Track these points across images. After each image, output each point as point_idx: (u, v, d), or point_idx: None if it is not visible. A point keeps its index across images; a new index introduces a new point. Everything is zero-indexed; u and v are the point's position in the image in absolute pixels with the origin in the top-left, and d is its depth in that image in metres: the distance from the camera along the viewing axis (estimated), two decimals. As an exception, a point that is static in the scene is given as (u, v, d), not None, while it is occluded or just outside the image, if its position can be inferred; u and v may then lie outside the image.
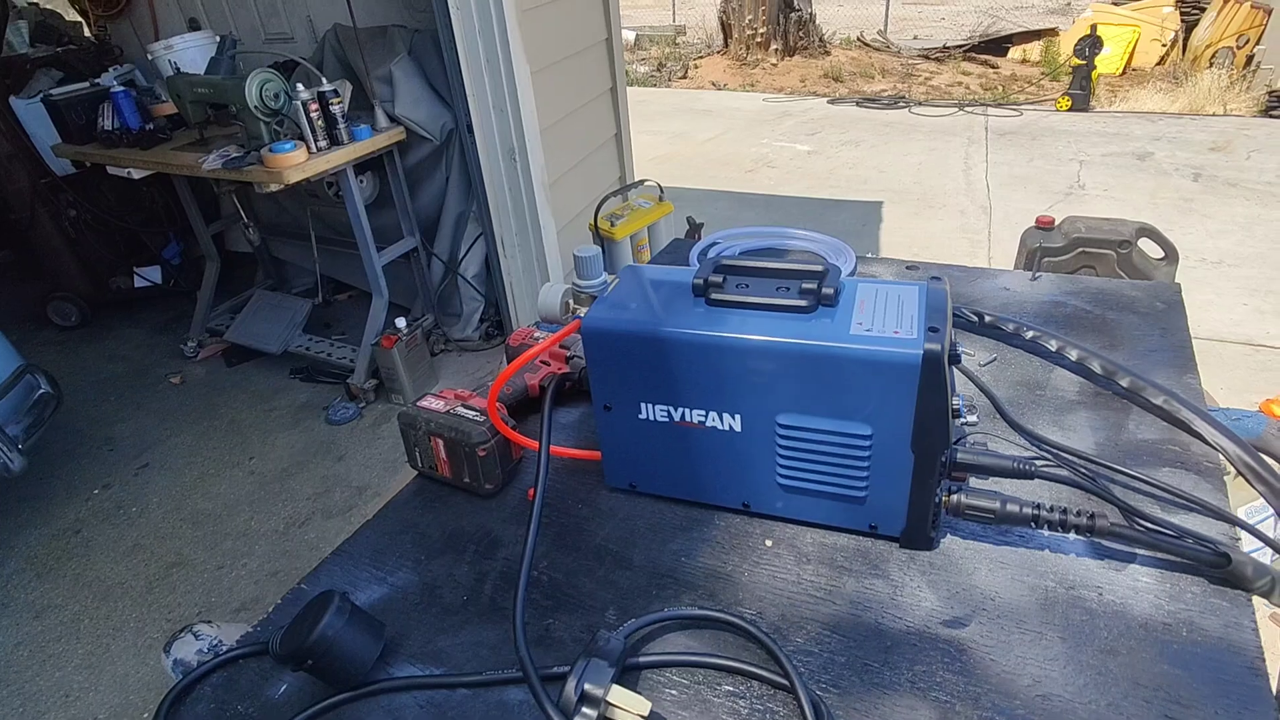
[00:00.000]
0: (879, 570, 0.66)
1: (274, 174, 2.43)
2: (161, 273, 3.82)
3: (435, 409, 0.79)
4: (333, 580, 0.72)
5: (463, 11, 2.48)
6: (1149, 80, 6.67)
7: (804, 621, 0.62)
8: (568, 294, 0.90)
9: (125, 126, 2.88)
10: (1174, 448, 0.76)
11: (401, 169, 2.99)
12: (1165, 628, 0.59)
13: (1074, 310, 1.02)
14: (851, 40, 9.07)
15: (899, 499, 0.65)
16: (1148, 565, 0.64)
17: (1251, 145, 5.18)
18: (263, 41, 3.36)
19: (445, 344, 3.30)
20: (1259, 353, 2.94)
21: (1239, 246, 3.77)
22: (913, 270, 1.17)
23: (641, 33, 10.13)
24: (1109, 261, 2.30)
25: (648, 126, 6.40)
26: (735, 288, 0.67)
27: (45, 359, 3.44)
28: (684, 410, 0.68)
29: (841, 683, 0.57)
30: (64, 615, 2.18)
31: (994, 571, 0.65)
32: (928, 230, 4.25)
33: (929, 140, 5.85)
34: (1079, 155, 5.23)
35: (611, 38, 3.27)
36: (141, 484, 2.70)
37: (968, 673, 0.57)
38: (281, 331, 3.25)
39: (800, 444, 0.65)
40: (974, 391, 0.87)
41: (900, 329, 0.60)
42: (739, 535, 0.72)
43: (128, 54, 3.72)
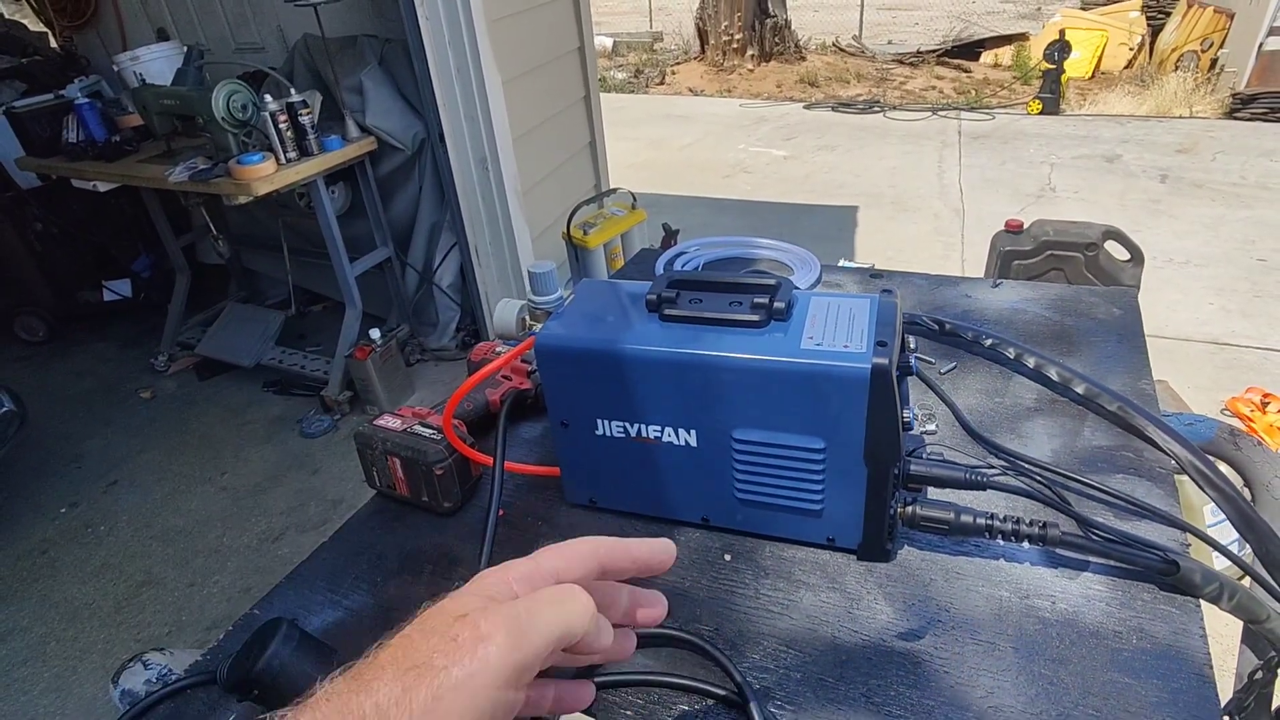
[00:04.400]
0: (836, 583, 0.66)
1: (242, 186, 2.40)
2: (131, 286, 3.77)
3: (392, 428, 0.78)
4: (286, 604, 0.71)
5: (432, 21, 2.47)
6: (1117, 84, 6.79)
7: (760, 637, 0.62)
8: (524, 310, 0.89)
9: (90, 139, 2.84)
10: (1128, 454, 0.77)
11: (373, 179, 2.98)
12: (1116, 635, 0.59)
13: (1034, 317, 1.03)
14: (827, 46, 9.16)
15: (854, 511, 0.65)
16: (1100, 573, 0.64)
17: (1216, 147, 5.29)
18: (233, 51, 3.33)
19: (422, 354, 3.28)
20: (1224, 351, 3.00)
21: (1205, 247, 3.84)
22: (877, 278, 1.17)
23: (618, 39, 10.16)
24: (1077, 264, 2.33)
25: (625, 133, 6.41)
26: (689, 303, 0.67)
27: (11, 375, 3.38)
28: (640, 426, 0.68)
29: (797, 699, 0.57)
30: (30, 638, 2.13)
31: (950, 582, 0.65)
32: (902, 234, 4.29)
33: (903, 144, 5.91)
34: (1050, 158, 5.31)
35: (584, 46, 3.27)
36: (110, 502, 2.65)
37: (922, 686, 0.57)
38: (254, 344, 3.22)
39: (756, 458, 0.65)
40: (934, 400, 0.88)
41: (850, 343, 0.60)
42: (698, 550, 0.72)
43: (94, 65, 3.67)
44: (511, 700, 0.32)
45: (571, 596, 0.36)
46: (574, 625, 0.35)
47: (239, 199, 2.47)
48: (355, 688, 0.30)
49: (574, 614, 0.36)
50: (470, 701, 0.30)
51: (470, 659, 0.31)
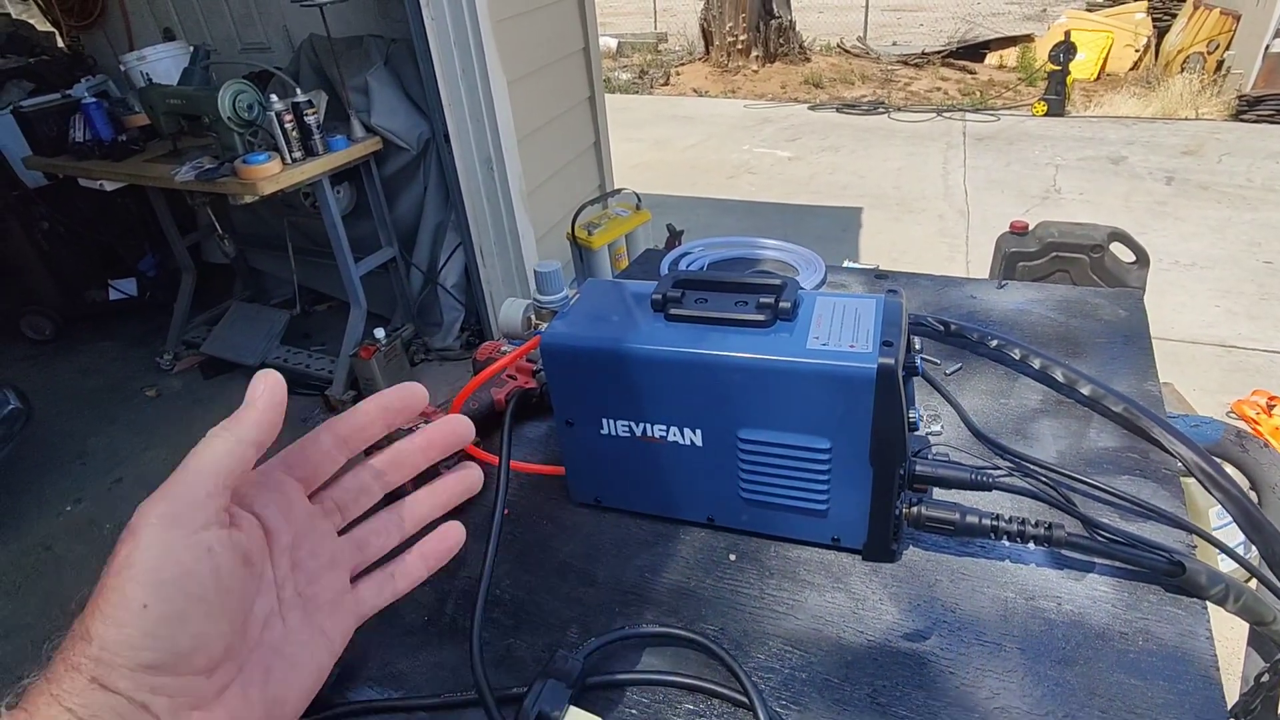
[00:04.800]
0: (841, 583, 0.66)
1: (247, 185, 2.41)
2: (137, 285, 3.78)
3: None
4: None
5: (438, 21, 2.48)
6: (1122, 85, 6.78)
7: (766, 637, 0.62)
8: (529, 309, 0.89)
9: (97, 138, 2.85)
10: (1134, 455, 0.77)
11: (378, 179, 2.98)
12: (1122, 637, 0.59)
13: (1039, 318, 1.03)
14: (831, 47, 9.16)
15: (860, 512, 0.65)
16: (1106, 574, 0.64)
17: (1222, 149, 5.27)
18: (238, 51, 3.34)
19: (426, 354, 3.28)
20: (1231, 354, 2.99)
21: (1211, 249, 3.83)
22: (883, 279, 1.17)
23: (623, 40, 10.17)
24: (1082, 266, 2.33)
25: (629, 134, 6.41)
26: (694, 303, 0.67)
27: (17, 373, 3.39)
28: (645, 425, 0.68)
29: (802, 699, 0.57)
30: (34, 635, 2.14)
31: (955, 583, 0.65)
32: (907, 235, 4.28)
33: (908, 145, 5.91)
34: (1055, 159, 5.30)
35: (589, 46, 3.28)
36: (115, 499, 2.66)
37: (927, 686, 0.57)
38: (259, 343, 3.23)
39: (761, 458, 0.65)
40: (939, 401, 0.88)
41: (856, 343, 0.60)
42: (703, 550, 0.72)
43: (101, 65, 3.68)
44: (199, 541, 0.32)
45: (208, 436, 0.36)
46: (223, 449, 0.35)
47: (245, 198, 2.48)
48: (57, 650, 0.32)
49: (219, 441, 0.35)
50: (138, 564, 0.31)
51: (123, 543, 0.32)
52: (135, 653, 0.30)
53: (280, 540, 0.39)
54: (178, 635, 0.31)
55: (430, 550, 0.46)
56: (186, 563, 0.32)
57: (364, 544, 0.44)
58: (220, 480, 0.34)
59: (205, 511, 0.33)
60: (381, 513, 0.45)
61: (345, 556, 0.42)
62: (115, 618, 0.30)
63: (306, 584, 0.40)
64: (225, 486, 0.35)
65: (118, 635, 0.30)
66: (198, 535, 0.32)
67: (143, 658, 0.30)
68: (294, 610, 0.39)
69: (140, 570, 0.31)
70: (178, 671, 0.31)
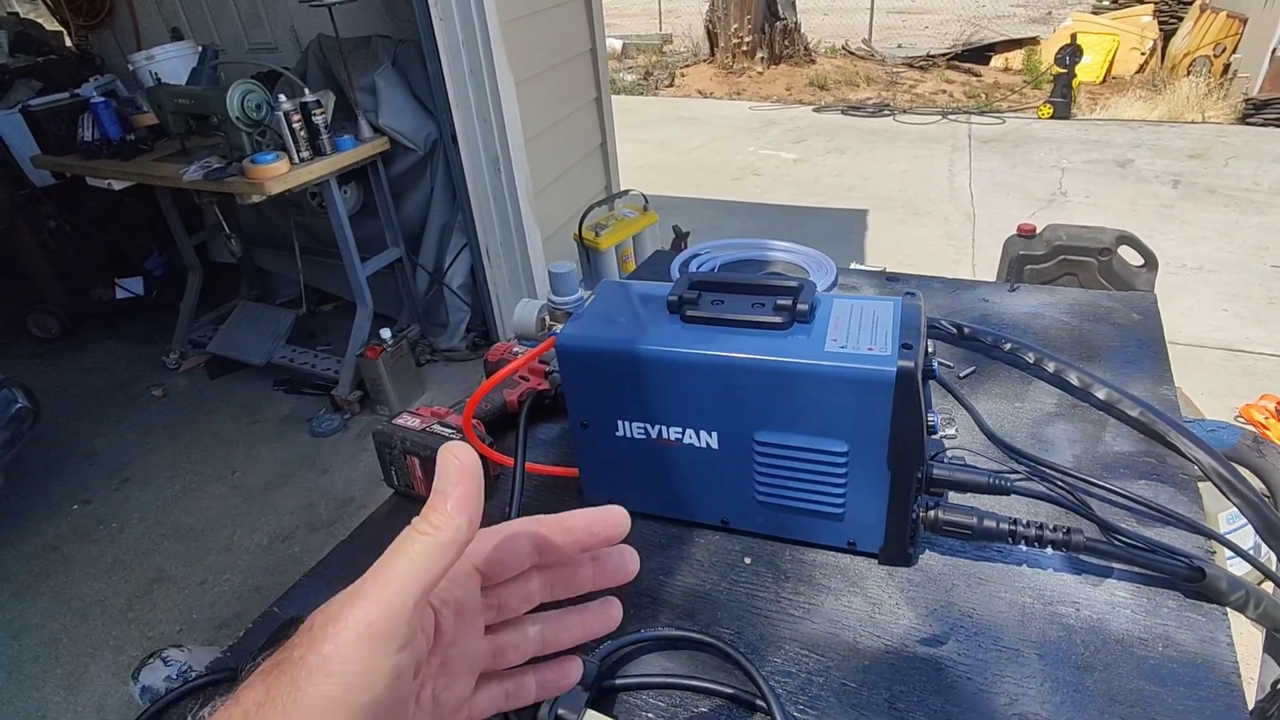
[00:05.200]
0: (857, 587, 0.66)
1: (255, 185, 2.41)
2: (143, 284, 3.79)
3: (411, 427, 0.79)
4: (306, 601, 0.71)
5: (446, 22, 2.48)
6: (1129, 88, 6.76)
7: (782, 641, 0.62)
8: (543, 310, 0.89)
9: (105, 137, 2.85)
10: (1150, 460, 0.77)
11: (385, 179, 2.99)
12: (1141, 643, 0.58)
13: (1052, 321, 1.03)
14: (836, 49, 9.15)
15: (877, 515, 0.65)
16: (1124, 580, 0.64)
17: (1229, 152, 5.26)
18: (246, 51, 3.35)
19: (432, 354, 3.28)
20: (1239, 358, 2.98)
21: (1218, 252, 3.82)
22: (893, 281, 1.17)
23: (628, 41, 10.17)
24: (1090, 269, 2.32)
25: (634, 135, 6.42)
26: (710, 304, 0.67)
27: (24, 372, 3.40)
28: (660, 428, 0.68)
29: (819, 704, 0.57)
30: (42, 635, 2.14)
31: (972, 587, 0.65)
32: (912, 238, 4.28)
33: (913, 148, 5.90)
34: (1061, 162, 5.29)
35: (596, 48, 3.28)
36: (122, 499, 2.66)
37: (945, 692, 0.57)
38: (265, 343, 3.23)
39: (777, 461, 0.65)
40: (953, 404, 0.87)
41: (874, 346, 0.60)
42: (718, 553, 0.71)
43: (109, 64, 3.70)
44: (395, 664, 0.30)
45: (409, 534, 0.33)
46: (430, 552, 0.32)
47: (252, 198, 2.48)
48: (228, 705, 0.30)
49: (426, 544, 0.32)
50: (336, 679, 0.29)
51: (325, 639, 0.29)
52: None
53: (444, 639, 0.36)
54: None
55: (548, 680, 0.42)
56: (379, 688, 0.30)
57: (502, 652, 0.40)
58: (424, 592, 0.32)
59: (407, 629, 0.31)
60: (529, 625, 0.41)
61: (481, 662, 0.39)
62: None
63: (444, 688, 0.37)
64: (426, 599, 0.32)
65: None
66: (394, 658, 0.30)
67: None
68: (425, 713, 0.36)
69: (336, 683, 0.29)
70: None
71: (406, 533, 0.32)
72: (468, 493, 0.33)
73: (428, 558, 0.32)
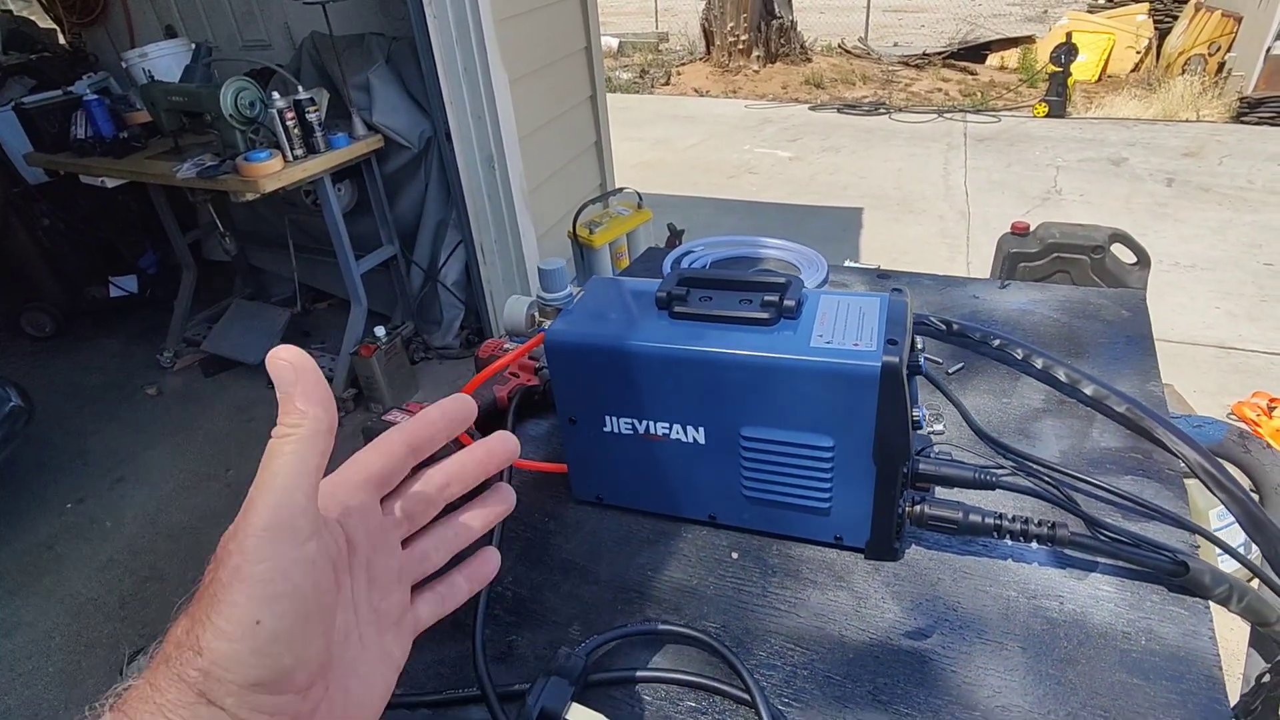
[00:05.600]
0: (843, 582, 0.66)
1: (249, 183, 2.41)
2: (138, 282, 3.78)
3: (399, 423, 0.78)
4: (295, 598, 0.71)
5: (440, 19, 2.48)
6: (1124, 87, 6.78)
7: (768, 635, 0.62)
8: (533, 306, 0.89)
9: (99, 135, 2.85)
10: (1136, 455, 0.77)
11: (380, 177, 2.98)
12: (1125, 636, 0.59)
13: (1042, 318, 1.03)
14: (832, 47, 9.16)
15: (863, 510, 0.65)
16: (1108, 574, 0.64)
17: (1223, 151, 5.27)
18: (240, 49, 3.34)
19: (426, 352, 3.28)
20: (1231, 355, 2.99)
21: (1211, 250, 3.83)
22: (885, 279, 1.17)
23: (624, 39, 10.17)
24: (1083, 267, 2.33)
25: (630, 133, 6.41)
26: (699, 300, 0.67)
27: (18, 370, 3.39)
28: (648, 423, 0.68)
29: (804, 696, 0.57)
30: (35, 633, 2.14)
31: (957, 581, 0.65)
32: (907, 235, 4.28)
33: (909, 146, 5.91)
34: (1056, 161, 5.30)
35: (591, 46, 3.28)
36: (116, 498, 2.66)
37: (929, 684, 0.57)
38: (260, 341, 3.23)
39: (764, 456, 0.65)
40: (941, 400, 0.88)
41: (860, 341, 0.60)
42: (705, 548, 0.72)
43: (103, 62, 3.69)
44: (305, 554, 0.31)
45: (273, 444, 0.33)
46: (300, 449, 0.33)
47: (246, 196, 2.48)
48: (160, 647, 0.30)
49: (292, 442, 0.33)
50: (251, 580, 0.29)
51: (230, 554, 0.30)
52: (244, 670, 0.29)
53: (360, 552, 0.38)
54: (284, 653, 0.30)
55: (474, 572, 0.45)
56: (295, 577, 0.31)
57: (424, 558, 0.42)
58: (310, 483, 0.33)
59: (306, 521, 0.32)
60: (438, 527, 0.44)
61: (409, 570, 0.41)
62: (227, 632, 0.29)
63: (380, 599, 0.39)
64: (314, 494, 0.33)
65: (229, 650, 0.29)
66: (303, 548, 0.31)
67: (251, 675, 0.29)
68: (369, 626, 0.38)
69: (253, 584, 0.30)
70: (280, 690, 0.30)
71: (270, 445, 0.33)
72: (309, 384, 0.34)
73: (300, 454, 0.33)
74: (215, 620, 0.29)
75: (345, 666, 0.36)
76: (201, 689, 0.28)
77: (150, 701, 0.28)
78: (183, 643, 0.29)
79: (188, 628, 0.29)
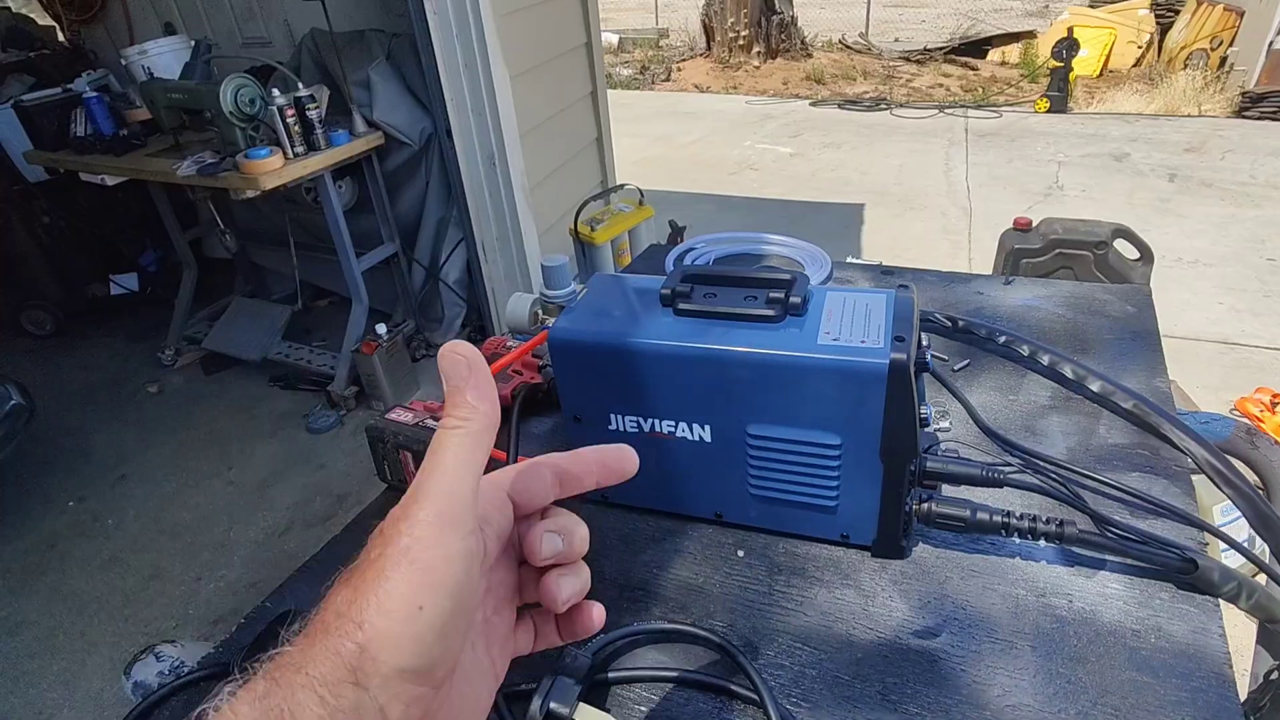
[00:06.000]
0: (851, 580, 0.66)
1: (249, 180, 2.40)
2: (138, 280, 3.77)
3: (404, 421, 0.78)
4: (299, 596, 0.70)
5: (440, 16, 2.47)
6: (1125, 82, 6.76)
7: (775, 634, 0.62)
8: (536, 304, 0.89)
9: (98, 132, 2.84)
10: (1144, 452, 0.77)
11: (380, 174, 2.97)
12: (1134, 634, 0.59)
13: (1047, 314, 1.02)
14: (833, 43, 9.13)
15: (870, 508, 0.65)
16: (1117, 571, 0.64)
17: (1226, 146, 5.26)
18: (239, 46, 3.33)
19: (427, 350, 3.28)
20: (1234, 351, 2.98)
21: (1214, 246, 3.82)
22: (888, 275, 1.17)
23: (624, 36, 10.14)
24: (1086, 262, 2.32)
25: (631, 129, 6.40)
26: (703, 297, 0.66)
27: (19, 369, 3.39)
28: (653, 421, 0.68)
29: (812, 696, 0.57)
30: (38, 631, 2.14)
31: (965, 580, 0.65)
32: (909, 232, 4.27)
33: (910, 142, 5.89)
34: (1057, 156, 5.29)
35: (591, 42, 3.26)
36: (118, 496, 2.66)
37: (938, 683, 0.57)
38: (260, 339, 3.22)
39: (770, 454, 0.65)
40: (947, 397, 0.87)
41: (867, 338, 0.60)
42: (711, 546, 0.71)
43: (102, 59, 3.68)
44: (467, 548, 0.31)
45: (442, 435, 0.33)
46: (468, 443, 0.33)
47: (246, 193, 2.47)
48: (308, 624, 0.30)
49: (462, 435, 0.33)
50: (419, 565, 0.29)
51: (399, 534, 0.30)
52: (399, 654, 0.28)
53: (488, 561, 0.37)
54: (437, 643, 0.30)
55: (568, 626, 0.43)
56: (456, 570, 0.30)
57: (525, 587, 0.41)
58: (475, 479, 0.33)
59: (470, 516, 0.32)
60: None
61: (516, 593, 0.40)
62: (390, 611, 0.28)
63: (492, 612, 0.38)
64: (476, 489, 0.33)
65: (388, 630, 0.28)
66: (465, 541, 0.31)
67: (403, 661, 0.29)
68: (479, 636, 0.37)
69: (420, 569, 0.29)
70: (424, 681, 0.30)
71: (438, 435, 0.33)
72: (481, 381, 0.34)
73: (468, 448, 0.33)
74: (379, 597, 0.29)
75: (462, 671, 0.35)
76: (354, 666, 0.28)
77: (303, 672, 0.28)
78: (344, 614, 0.29)
79: (350, 599, 0.29)
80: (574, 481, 0.40)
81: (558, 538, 0.38)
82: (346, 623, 0.28)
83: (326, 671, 0.28)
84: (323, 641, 0.28)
